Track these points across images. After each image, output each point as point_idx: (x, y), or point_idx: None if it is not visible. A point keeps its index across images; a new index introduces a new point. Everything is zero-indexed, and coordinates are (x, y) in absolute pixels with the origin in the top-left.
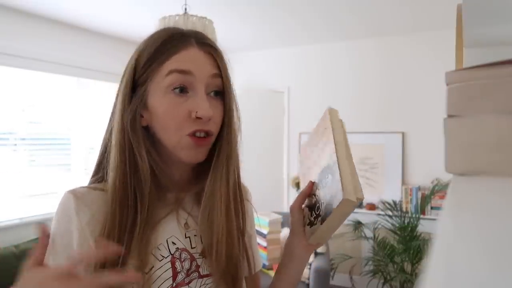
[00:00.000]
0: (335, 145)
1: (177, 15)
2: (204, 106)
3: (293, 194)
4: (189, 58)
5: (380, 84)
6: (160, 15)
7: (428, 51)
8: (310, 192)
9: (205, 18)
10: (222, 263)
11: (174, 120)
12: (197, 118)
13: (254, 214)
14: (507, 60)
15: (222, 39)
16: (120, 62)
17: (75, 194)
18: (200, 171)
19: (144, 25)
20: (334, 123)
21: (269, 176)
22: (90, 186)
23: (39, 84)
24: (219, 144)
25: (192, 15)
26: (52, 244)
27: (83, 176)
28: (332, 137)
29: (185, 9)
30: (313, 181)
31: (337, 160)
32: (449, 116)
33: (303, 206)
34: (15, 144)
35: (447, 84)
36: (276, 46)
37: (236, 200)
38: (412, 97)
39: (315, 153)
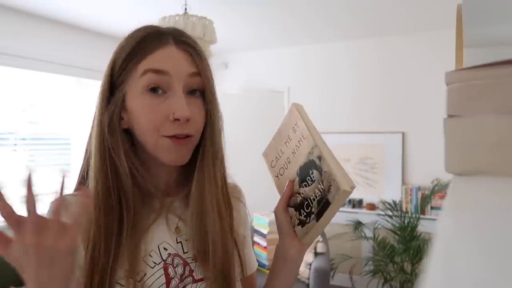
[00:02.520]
0: (314, 140)
1: (177, 15)
2: (181, 107)
3: None
4: (165, 57)
5: (380, 84)
6: (160, 15)
7: (428, 51)
8: (292, 192)
9: (205, 18)
10: (218, 266)
11: (151, 121)
12: (175, 119)
13: (254, 214)
14: (507, 60)
15: (222, 39)
16: None
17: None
18: (188, 173)
19: (144, 25)
20: (305, 118)
21: (269, 176)
22: (72, 194)
23: (39, 84)
24: (203, 144)
25: (192, 15)
26: None
27: None
28: (307, 132)
29: (185, 9)
30: (292, 180)
31: (322, 154)
32: (449, 116)
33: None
34: (15, 144)
35: (447, 84)
36: (276, 46)
37: (225, 201)
38: (412, 97)
39: (286, 153)
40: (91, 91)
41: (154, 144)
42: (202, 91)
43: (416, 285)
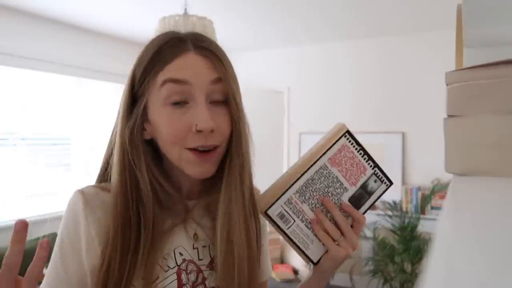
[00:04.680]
0: (310, 150)
1: (177, 15)
2: (203, 117)
3: None
4: (184, 66)
5: (380, 84)
6: (160, 15)
7: (428, 51)
8: None
9: (205, 18)
10: (244, 283)
11: (174, 134)
12: (198, 131)
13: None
14: (507, 60)
15: (222, 39)
16: (120, 62)
17: (84, 195)
18: (211, 181)
19: (144, 25)
20: (329, 134)
21: (269, 176)
22: (100, 186)
23: (39, 84)
24: (230, 156)
25: (192, 15)
26: (60, 247)
27: (83, 176)
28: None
29: (185, 9)
30: None
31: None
32: (449, 116)
33: None
34: (15, 144)
35: (447, 84)
36: (276, 46)
37: (252, 215)
38: (412, 97)
39: None
40: (91, 91)
41: (178, 157)
42: (226, 99)
43: (416, 285)
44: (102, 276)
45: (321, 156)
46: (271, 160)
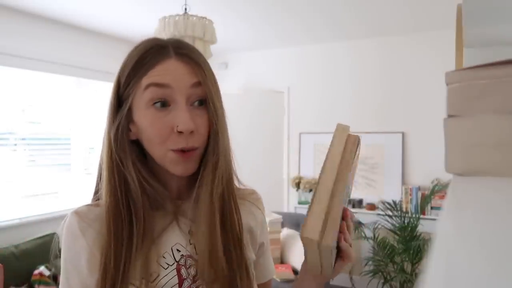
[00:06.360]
0: (323, 168)
1: (177, 15)
2: (184, 119)
3: (293, 194)
4: (166, 71)
5: (380, 84)
6: (160, 15)
7: (428, 51)
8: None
9: (205, 18)
10: (211, 274)
11: (157, 135)
12: (180, 132)
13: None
14: (507, 60)
15: (222, 39)
16: (120, 62)
17: (78, 214)
18: (197, 178)
19: (144, 25)
20: (335, 141)
21: (269, 176)
22: (92, 204)
23: (39, 84)
24: (206, 155)
25: (192, 15)
26: (64, 267)
27: (83, 176)
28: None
29: (185, 9)
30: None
31: (316, 189)
32: (449, 116)
33: None
34: (15, 144)
35: (447, 84)
36: (276, 46)
37: (224, 212)
38: (412, 97)
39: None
40: (91, 91)
41: (162, 156)
42: (205, 102)
43: (416, 285)
44: (102, 270)
45: (348, 174)
46: (271, 160)
